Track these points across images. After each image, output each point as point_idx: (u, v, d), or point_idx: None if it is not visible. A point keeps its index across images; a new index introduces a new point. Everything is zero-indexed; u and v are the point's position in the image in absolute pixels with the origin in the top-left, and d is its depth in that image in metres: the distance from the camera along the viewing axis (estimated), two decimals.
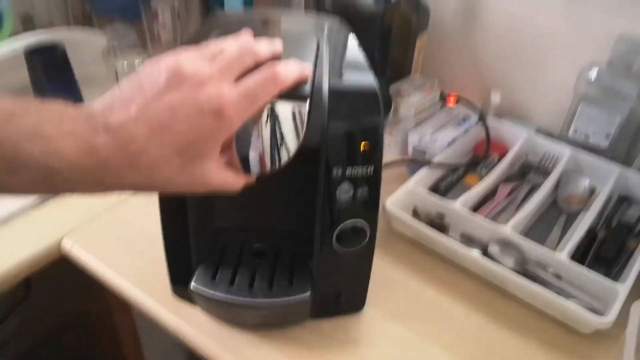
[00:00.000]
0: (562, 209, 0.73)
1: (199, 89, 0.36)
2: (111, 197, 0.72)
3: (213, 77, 0.37)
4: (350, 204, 0.49)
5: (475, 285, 0.63)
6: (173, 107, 0.36)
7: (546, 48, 0.85)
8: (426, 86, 0.86)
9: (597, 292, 0.58)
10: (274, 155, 0.43)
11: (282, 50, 0.44)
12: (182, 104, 0.36)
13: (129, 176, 0.36)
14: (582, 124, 0.78)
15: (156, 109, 0.35)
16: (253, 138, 0.42)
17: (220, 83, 0.37)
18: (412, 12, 0.87)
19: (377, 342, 0.56)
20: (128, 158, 0.35)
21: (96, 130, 0.34)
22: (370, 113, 0.47)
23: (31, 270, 0.64)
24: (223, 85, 0.37)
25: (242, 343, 0.55)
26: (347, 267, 0.54)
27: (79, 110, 0.35)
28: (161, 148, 0.35)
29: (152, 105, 0.35)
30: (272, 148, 0.42)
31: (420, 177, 0.73)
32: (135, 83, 0.37)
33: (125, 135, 0.35)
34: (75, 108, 0.35)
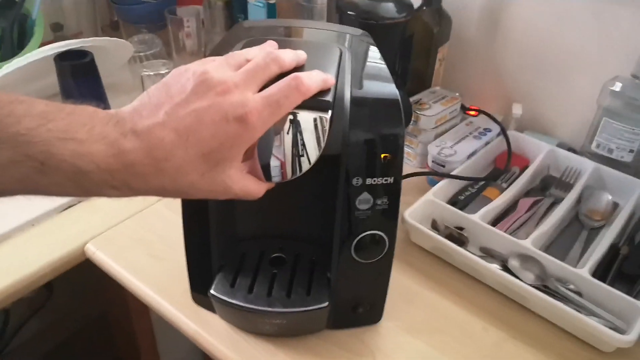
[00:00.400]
0: (583, 224, 0.72)
1: (225, 96, 0.37)
2: (135, 204, 0.73)
3: (238, 85, 0.38)
4: (370, 214, 0.49)
5: (495, 299, 0.62)
6: (199, 113, 0.36)
7: (569, 61, 0.84)
8: (447, 97, 0.86)
9: (619, 310, 0.57)
10: (294, 164, 0.43)
11: (305, 60, 0.45)
12: (207, 110, 0.37)
13: (155, 180, 0.37)
14: (605, 138, 0.77)
15: (183, 115, 0.36)
16: (275, 146, 0.42)
17: (245, 91, 0.38)
18: (434, 22, 0.87)
19: (394, 354, 0.55)
20: (154, 162, 0.36)
21: (125, 134, 0.35)
22: (391, 123, 0.47)
23: (55, 274, 0.65)
24: (248, 93, 0.38)
25: (258, 352, 0.55)
26: (365, 278, 0.54)
27: (109, 115, 0.36)
28: (186, 153, 0.36)
29: (179, 111, 0.36)
30: (293, 156, 0.43)
31: (440, 188, 0.73)
32: (163, 89, 0.38)
33: (153, 139, 0.35)
34: (105, 112, 0.36)
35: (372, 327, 0.58)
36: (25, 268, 0.63)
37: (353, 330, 0.57)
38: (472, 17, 0.92)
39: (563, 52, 0.84)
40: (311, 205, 0.57)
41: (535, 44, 0.87)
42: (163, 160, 0.36)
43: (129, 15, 1.08)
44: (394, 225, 0.51)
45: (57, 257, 0.65)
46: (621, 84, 0.74)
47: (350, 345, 0.56)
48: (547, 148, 0.81)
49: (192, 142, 0.36)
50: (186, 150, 0.36)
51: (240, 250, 0.59)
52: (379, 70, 0.52)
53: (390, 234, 0.51)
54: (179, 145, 0.36)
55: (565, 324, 0.58)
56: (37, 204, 0.72)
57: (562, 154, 0.81)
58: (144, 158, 0.35)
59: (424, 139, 0.82)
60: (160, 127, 0.36)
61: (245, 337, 0.56)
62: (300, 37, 0.58)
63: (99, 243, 0.67)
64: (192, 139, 0.36)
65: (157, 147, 0.35)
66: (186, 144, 0.36)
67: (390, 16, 0.76)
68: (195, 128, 0.36)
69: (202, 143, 0.36)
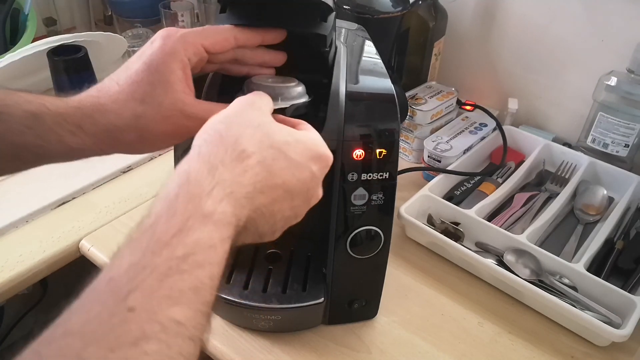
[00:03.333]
0: (579, 219, 0.72)
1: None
2: (129, 200, 0.73)
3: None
4: (365, 209, 0.49)
5: (490, 294, 0.62)
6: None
7: (565, 55, 0.84)
8: (443, 92, 0.86)
9: (614, 304, 0.58)
10: None
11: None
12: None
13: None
14: (601, 132, 0.77)
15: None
16: None
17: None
18: (430, 17, 0.87)
19: (390, 350, 0.55)
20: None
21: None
22: (386, 118, 0.47)
23: (49, 271, 0.65)
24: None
25: (254, 347, 0.55)
26: (361, 274, 0.54)
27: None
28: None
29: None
30: None
31: (436, 184, 0.73)
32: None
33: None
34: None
35: (368, 323, 0.58)
36: (19, 265, 0.63)
37: (349, 326, 0.57)
38: (468, 12, 0.92)
39: (559, 46, 0.84)
40: None
41: (531, 38, 0.87)
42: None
43: (123, 9, 1.08)
44: (390, 220, 0.51)
45: (52, 253, 0.65)
46: (616, 78, 0.74)
47: (346, 340, 0.56)
48: (542, 143, 0.81)
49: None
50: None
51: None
52: (374, 65, 0.52)
53: (385, 229, 0.51)
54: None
55: (561, 319, 0.58)
56: (31, 200, 0.71)
57: (557, 148, 0.81)
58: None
59: (419, 134, 0.82)
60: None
61: (241, 332, 0.56)
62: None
63: (93, 239, 0.67)
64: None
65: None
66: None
67: (386, 10, 0.76)
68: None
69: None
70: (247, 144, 0.33)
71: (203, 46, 0.41)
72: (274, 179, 0.34)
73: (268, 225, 0.36)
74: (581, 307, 0.57)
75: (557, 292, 0.59)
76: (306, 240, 0.58)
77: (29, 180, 0.76)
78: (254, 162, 0.33)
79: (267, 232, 0.36)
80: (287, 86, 0.43)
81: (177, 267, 0.27)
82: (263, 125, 0.35)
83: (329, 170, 0.39)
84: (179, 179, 0.31)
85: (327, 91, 0.45)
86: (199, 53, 0.41)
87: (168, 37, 0.40)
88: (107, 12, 1.16)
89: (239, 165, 0.33)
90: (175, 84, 0.39)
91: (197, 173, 0.31)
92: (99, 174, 0.77)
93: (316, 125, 0.45)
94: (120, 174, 0.79)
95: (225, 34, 0.42)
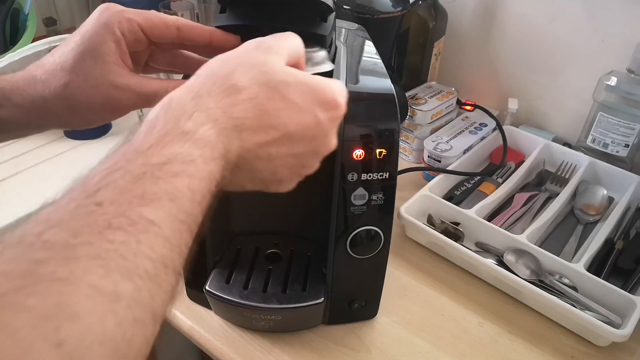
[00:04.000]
0: (579, 219, 0.72)
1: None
2: None
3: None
4: (365, 209, 0.49)
5: (490, 294, 0.62)
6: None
7: (565, 55, 0.84)
8: (443, 92, 0.86)
9: (614, 305, 0.57)
10: None
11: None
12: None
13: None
14: (601, 132, 0.77)
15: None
16: None
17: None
18: (430, 17, 0.87)
19: (390, 350, 0.55)
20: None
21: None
22: (386, 118, 0.47)
23: None
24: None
25: (254, 347, 0.55)
26: (361, 274, 0.54)
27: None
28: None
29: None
30: None
31: (436, 184, 0.73)
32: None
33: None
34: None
35: (368, 323, 0.58)
36: None
37: (349, 326, 0.57)
38: (468, 12, 0.92)
39: (558, 46, 0.84)
40: (306, 201, 0.57)
41: (531, 38, 0.87)
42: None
43: None
44: (390, 220, 0.51)
45: None
46: (616, 78, 0.74)
47: (346, 340, 0.56)
48: (542, 143, 0.81)
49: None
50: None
51: (236, 246, 0.58)
52: (374, 65, 0.52)
53: (385, 229, 0.51)
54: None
55: (561, 319, 0.58)
56: (31, 200, 0.71)
57: (557, 148, 0.81)
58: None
59: (419, 134, 0.82)
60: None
61: (241, 332, 0.56)
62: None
63: None
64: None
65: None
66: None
67: (386, 10, 0.76)
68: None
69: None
70: (239, 78, 0.31)
71: (139, 25, 0.40)
72: (268, 119, 0.32)
73: (268, 172, 0.34)
74: (581, 307, 0.57)
75: (557, 292, 0.59)
76: (306, 240, 0.58)
77: (29, 180, 0.76)
78: (245, 97, 0.31)
79: (270, 179, 0.34)
80: (309, 50, 0.40)
81: (151, 173, 0.26)
82: (262, 63, 0.33)
83: (341, 120, 0.36)
84: (161, 104, 0.30)
85: None
86: (135, 31, 0.40)
87: (105, 10, 0.40)
88: None
89: (226, 97, 0.31)
90: (106, 55, 0.39)
91: (180, 98, 0.30)
92: None
93: None
94: None
95: (167, 21, 0.42)
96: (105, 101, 0.40)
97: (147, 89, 0.40)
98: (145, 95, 0.40)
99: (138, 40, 0.41)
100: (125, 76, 0.40)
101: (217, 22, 0.44)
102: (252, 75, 0.32)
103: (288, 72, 0.33)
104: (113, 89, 0.39)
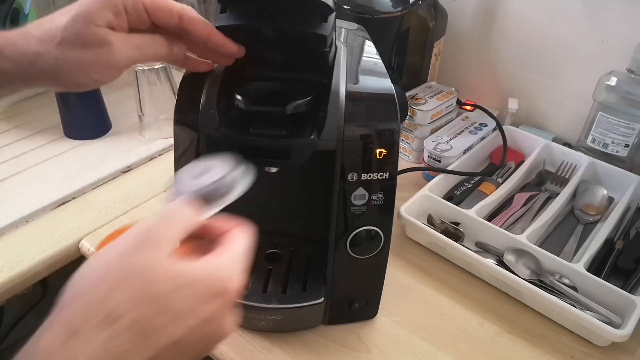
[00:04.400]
0: (579, 219, 0.72)
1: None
2: (130, 200, 0.73)
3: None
4: (365, 209, 0.49)
5: (490, 294, 0.62)
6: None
7: (565, 55, 0.84)
8: (443, 92, 0.86)
9: (614, 305, 0.57)
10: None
11: None
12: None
13: None
14: (601, 132, 0.77)
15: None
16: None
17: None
18: (430, 17, 0.87)
19: (390, 350, 0.55)
20: None
21: None
22: (386, 118, 0.47)
23: (50, 271, 0.65)
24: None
25: (254, 347, 0.55)
26: (361, 274, 0.54)
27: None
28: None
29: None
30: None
31: (436, 184, 0.73)
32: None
33: None
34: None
35: (368, 322, 0.58)
36: (19, 265, 0.63)
37: (349, 326, 0.57)
38: (468, 12, 0.92)
39: (558, 46, 0.84)
40: (306, 201, 0.57)
41: (531, 38, 0.87)
42: None
43: None
44: (390, 220, 0.51)
45: (52, 253, 0.65)
46: (616, 78, 0.74)
47: (346, 340, 0.56)
48: (542, 143, 0.81)
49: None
50: None
51: None
52: (374, 65, 0.52)
53: (385, 229, 0.51)
54: None
55: (561, 319, 0.58)
56: (31, 200, 0.71)
57: (557, 148, 0.81)
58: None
59: (419, 134, 0.82)
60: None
61: (240, 332, 0.56)
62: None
63: (93, 239, 0.67)
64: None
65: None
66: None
67: (386, 10, 0.76)
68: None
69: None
70: (115, 303, 0.28)
71: (144, 5, 0.41)
72: (151, 340, 0.29)
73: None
74: (581, 307, 0.57)
75: (557, 292, 0.59)
76: (306, 240, 0.59)
77: (29, 180, 0.76)
78: (124, 326, 0.28)
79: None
80: (213, 183, 0.36)
81: None
82: (141, 271, 0.29)
83: (234, 300, 0.33)
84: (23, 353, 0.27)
85: (327, 91, 0.45)
86: (138, 10, 0.41)
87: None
88: None
89: (103, 331, 0.27)
90: (97, 19, 0.40)
91: (48, 345, 0.27)
92: (99, 174, 0.77)
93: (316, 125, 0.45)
94: (120, 174, 0.79)
95: (172, 8, 0.43)
96: (93, 60, 0.41)
97: (135, 39, 0.42)
98: (136, 44, 0.42)
99: (140, 20, 0.42)
100: (113, 34, 0.41)
101: (217, 22, 0.44)
102: (130, 295, 0.29)
103: (169, 278, 0.30)
104: (102, 45, 0.40)
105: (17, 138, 0.85)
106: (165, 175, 0.79)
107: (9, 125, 0.88)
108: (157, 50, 0.43)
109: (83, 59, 0.40)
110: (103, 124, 0.88)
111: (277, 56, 0.47)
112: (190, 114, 0.47)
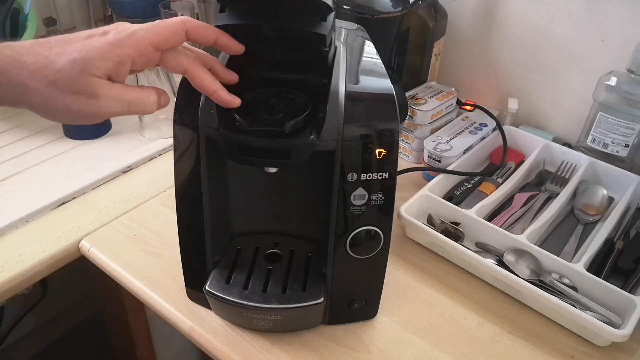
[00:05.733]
0: (579, 219, 0.72)
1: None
2: (130, 201, 0.73)
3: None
4: (365, 210, 0.49)
5: (490, 294, 0.62)
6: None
7: (565, 55, 0.84)
8: (443, 92, 0.86)
9: (614, 305, 0.57)
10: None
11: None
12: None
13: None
14: (601, 132, 0.77)
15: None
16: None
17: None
18: (430, 17, 0.87)
19: (390, 350, 0.55)
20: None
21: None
22: (386, 118, 0.47)
23: (49, 271, 0.65)
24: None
25: (254, 347, 0.55)
26: (361, 274, 0.54)
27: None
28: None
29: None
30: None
31: (436, 184, 0.73)
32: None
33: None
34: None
35: (368, 323, 0.58)
36: (19, 265, 0.63)
37: (349, 326, 0.57)
38: (468, 12, 0.92)
39: (558, 46, 0.84)
40: (306, 201, 0.57)
41: (531, 38, 0.87)
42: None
43: (123, 9, 1.08)
44: (389, 220, 0.51)
45: (52, 253, 0.65)
46: (616, 78, 0.74)
47: (346, 340, 0.56)
48: (542, 143, 0.81)
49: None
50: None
51: (235, 246, 0.58)
52: (374, 65, 0.52)
53: (385, 229, 0.51)
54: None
55: (561, 319, 0.58)
56: (31, 200, 0.71)
57: (557, 148, 0.81)
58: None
59: (419, 134, 0.82)
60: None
61: (240, 333, 0.56)
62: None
63: (93, 239, 0.67)
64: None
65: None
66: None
67: (386, 10, 0.76)
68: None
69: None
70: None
71: (151, 44, 0.41)
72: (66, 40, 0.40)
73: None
74: (581, 307, 0.57)
75: (557, 292, 0.59)
76: (306, 240, 0.58)
77: (29, 180, 0.76)
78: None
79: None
80: None
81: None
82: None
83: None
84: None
85: (327, 91, 0.45)
86: (146, 53, 0.41)
87: (117, 32, 0.41)
88: (107, 12, 1.16)
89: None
90: (96, 70, 0.40)
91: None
92: (99, 174, 0.77)
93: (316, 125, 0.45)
94: (120, 174, 0.79)
95: (176, 27, 0.42)
96: (80, 108, 0.41)
97: (126, 96, 0.42)
98: (126, 101, 0.42)
99: (149, 60, 0.42)
100: (107, 87, 0.41)
101: (217, 22, 0.44)
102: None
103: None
104: (91, 97, 0.40)
105: (17, 138, 0.85)
106: (165, 175, 0.79)
107: (9, 125, 0.88)
108: (145, 109, 0.44)
109: (70, 104, 0.40)
110: (103, 124, 0.88)
111: (277, 56, 0.48)
112: (190, 114, 0.47)
